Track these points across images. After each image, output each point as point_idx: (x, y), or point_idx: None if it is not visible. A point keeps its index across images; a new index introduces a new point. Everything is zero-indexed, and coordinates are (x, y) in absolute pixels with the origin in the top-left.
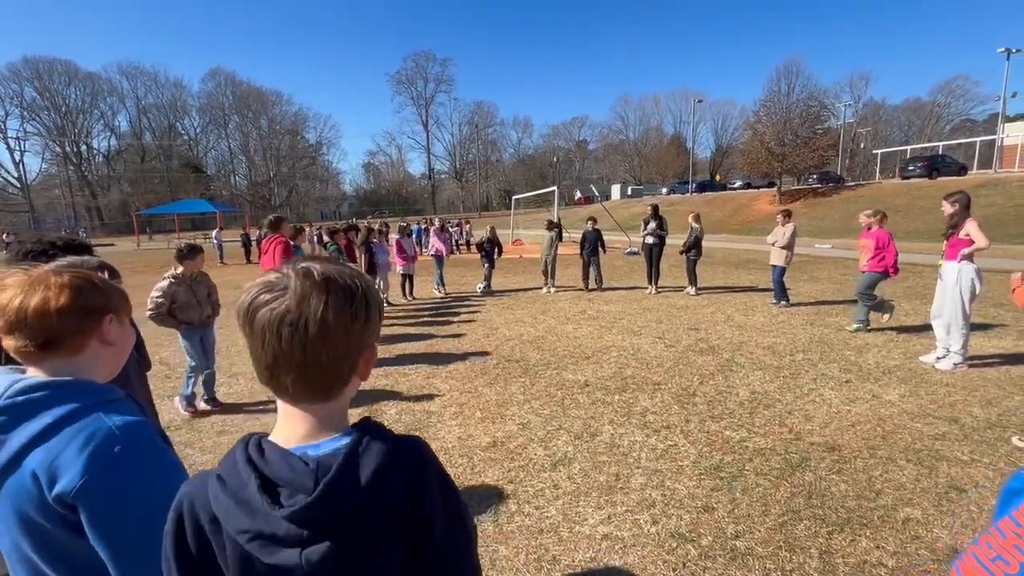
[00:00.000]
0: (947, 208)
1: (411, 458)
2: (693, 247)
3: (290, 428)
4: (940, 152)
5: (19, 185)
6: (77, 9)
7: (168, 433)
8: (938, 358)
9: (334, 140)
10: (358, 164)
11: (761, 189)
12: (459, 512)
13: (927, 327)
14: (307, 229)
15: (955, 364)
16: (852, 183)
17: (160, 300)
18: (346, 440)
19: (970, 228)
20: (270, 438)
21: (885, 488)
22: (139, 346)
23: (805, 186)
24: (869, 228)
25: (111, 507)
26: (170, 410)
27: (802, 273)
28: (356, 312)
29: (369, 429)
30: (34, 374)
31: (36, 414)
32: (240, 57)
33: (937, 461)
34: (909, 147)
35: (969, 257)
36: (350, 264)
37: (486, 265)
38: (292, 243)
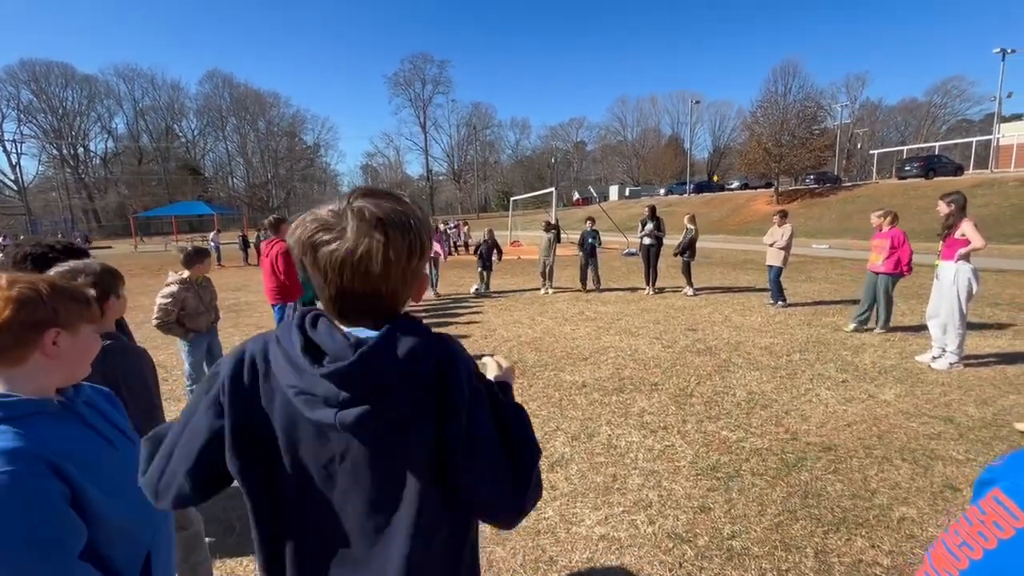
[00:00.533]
0: (943, 208)
1: (442, 348)
2: (688, 248)
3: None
4: (936, 152)
5: (16, 188)
6: (74, 12)
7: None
8: (934, 357)
9: (332, 142)
10: (356, 166)
11: (758, 190)
12: (487, 402)
13: (923, 327)
14: None
15: (951, 363)
16: (849, 183)
17: (170, 307)
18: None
19: (966, 228)
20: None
21: (880, 488)
22: None
23: (802, 186)
24: (880, 228)
25: None
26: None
27: (799, 273)
28: (411, 250)
29: (407, 319)
30: None
31: None
32: (238, 59)
33: (932, 460)
34: (905, 147)
35: (966, 257)
36: (401, 196)
37: (480, 268)
38: None
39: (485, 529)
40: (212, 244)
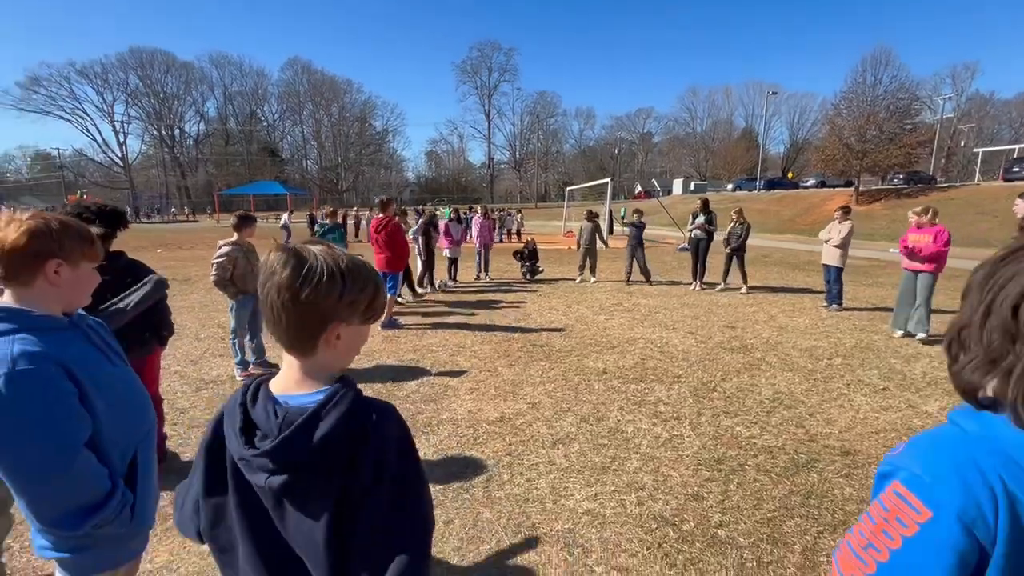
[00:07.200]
0: (1021, 208)
1: (360, 430)
2: (741, 245)
3: (285, 373)
4: None
5: (122, 165)
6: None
7: (178, 398)
8: None
9: (399, 128)
10: (421, 152)
11: (836, 188)
12: (399, 476)
13: None
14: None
15: None
16: (945, 184)
17: (226, 264)
18: (319, 396)
19: None
20: (271, 382)
21: None
22: (162, 311)
23: (888, 186)
24: (920, 226)
25: None
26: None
27: (866, 277)
28: (305, 287)
29: (338, 392)
30: (5, 299)
31: None
32: (316, 47)
33: None
34: (1017, 146)
35: None
36: (342, 251)
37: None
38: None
39: (477, 492)
40: (283, 221)
